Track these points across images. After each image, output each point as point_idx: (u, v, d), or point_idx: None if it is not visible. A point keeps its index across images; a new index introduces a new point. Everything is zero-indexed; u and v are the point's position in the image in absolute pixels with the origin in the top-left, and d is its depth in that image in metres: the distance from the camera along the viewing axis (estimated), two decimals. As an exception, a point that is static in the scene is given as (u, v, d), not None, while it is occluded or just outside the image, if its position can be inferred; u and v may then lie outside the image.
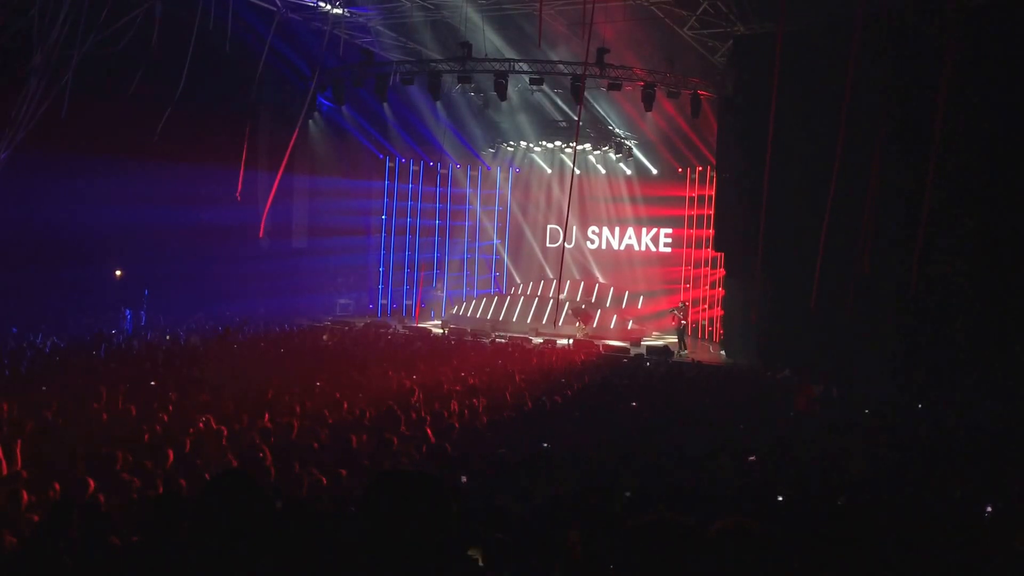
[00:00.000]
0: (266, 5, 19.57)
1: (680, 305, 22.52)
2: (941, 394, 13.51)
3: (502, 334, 22.69)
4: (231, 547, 2.12)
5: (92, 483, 6.14)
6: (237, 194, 19.23)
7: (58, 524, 4.42)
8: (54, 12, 13.42)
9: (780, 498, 6.87)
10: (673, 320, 22.55)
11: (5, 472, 6.74)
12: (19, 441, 7.54)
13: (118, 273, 21.45)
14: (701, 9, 17.71)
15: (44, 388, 11.13)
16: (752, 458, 9.08)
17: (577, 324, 23.01)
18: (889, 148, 14.06)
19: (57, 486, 6.45)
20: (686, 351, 20.81)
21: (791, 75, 15.77)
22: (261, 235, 20.50)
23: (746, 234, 17.39)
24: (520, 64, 20.57)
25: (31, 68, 13.55)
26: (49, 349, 15.23)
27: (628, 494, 6.71)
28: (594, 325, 23.71)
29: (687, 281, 24.87)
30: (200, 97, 16.24)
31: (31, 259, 17.71)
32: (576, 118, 19.56)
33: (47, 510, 4.94)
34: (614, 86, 19.89)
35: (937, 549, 4.68)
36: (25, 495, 6.13)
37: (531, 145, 27.06)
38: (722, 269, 21.26)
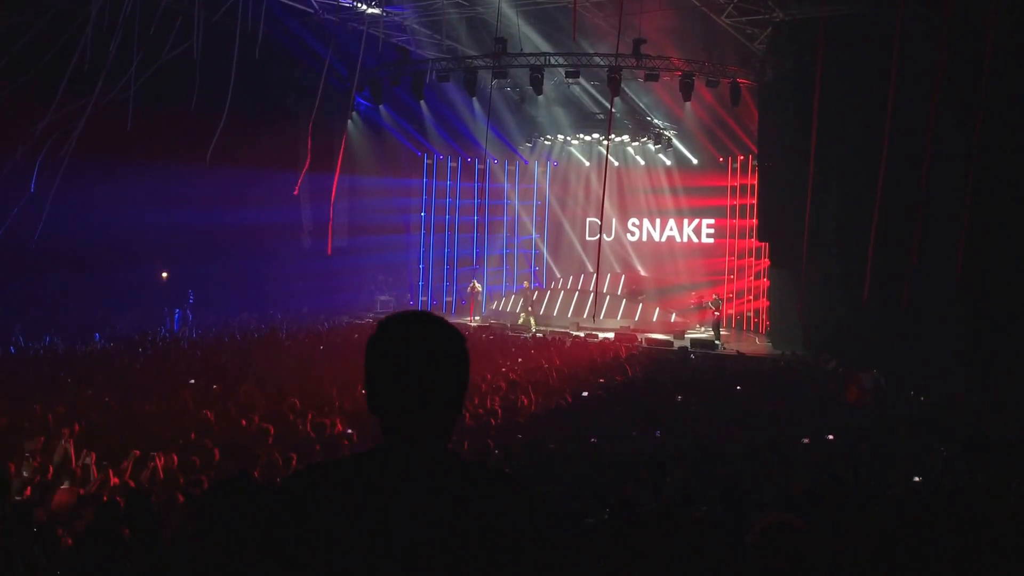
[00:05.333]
0: (301, 7, 19.73)
1: (714, 298, 22.25)
2: (993, 385, 13.12)
3: (543, 329, 22.63)
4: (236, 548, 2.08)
5: (133, 484, 6.23)
6: (295, 190, 20.03)
7: (108, 522, 4.48)
8: (106, 24, 13.71)
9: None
10: (710, 314, 22.34)
11: (97, 478, 6.81)
12: (71, 441, 7.69)
13: (164, 275, 21.84)
14: (739, -5, 17.43)
15: (92, 388, 11.35)
16: (806, 440, 8.95)
17: (523, 315, 23.42)
18: (937, 132, 13.68)
19: (117, 478, 6.58)
20: (719, 343, 20.65)
21: (833, 60, 15.47)
22: (330, 252, 20.88)
23: (791, 223, 17.09)
24: (555, 58, 20.45)
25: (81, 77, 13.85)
26: (98, 350, 15.56)
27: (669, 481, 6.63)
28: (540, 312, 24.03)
29: (731, 272, 24.53)
30: (241, 101, 16.42)
31: (79, 262, 18.11)
32: (612, 109, 19.43)
33: (98, 509, 5.01)
34: (651, 76, 19.67)
35: (995, 548, 4.51)
36: (81, 492, 6.26)
37: (568, 138, 26.89)
38: (766, 259, 20.96)
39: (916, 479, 7.06)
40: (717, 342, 20.60)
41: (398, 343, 1.73)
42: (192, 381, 12.17)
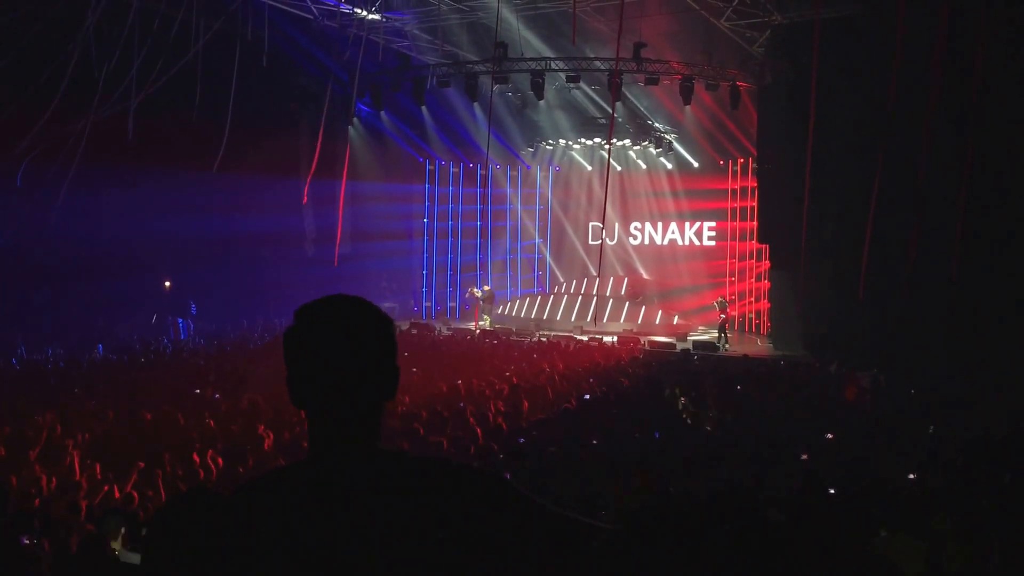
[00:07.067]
0: (301, 14, 19.82)
1: (719, 300, 22.23)
2: (990, 382, 13.10)
3: (546, 333, 22.64)
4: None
5: (137, 496, 6.26)
6: (304, 198, 20.45)
7: (106, 534, 4.52)
8: (109, 34, 13.82)
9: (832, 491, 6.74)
10: (715, 316, 22.34)
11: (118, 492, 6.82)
12: (76, 452, 7.73)
13: (167, 284, 21.89)
14: (738, -1, 17.50)
15: (95, 399, 11.38)
16: (804, 456, 8.94)
17: (483, 317, 24.00)
18: (934, 132, 13.70)
19: (117, 494, 6.62)
20: (728, 345, 20.61)
21: (831, 63, 15.50)
22: (336, 263, 20.92)
23: (790, 225, 17.12)
24: (556, 62, 20.51)
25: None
26: (101, 360, 15.61)
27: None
28: (493, 310, 24.72)
29: (732, 274, 24.53)
30: (241, 108, 16.49)
31: (81, 272, 18.16)
32: (613, 113, 19.46)
33: (98, 520, 5.05)
34: (651, 80, 19.73)
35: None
36: (84, 505, 6.30)
37: (570, 143, 26.92)
38: (767, 261, 20.96)
39: (911, 476, 7.08)
40: (718, 344, 20.54)
41: (313, 328, 1.62)
42: (197, 391, 12.21)
